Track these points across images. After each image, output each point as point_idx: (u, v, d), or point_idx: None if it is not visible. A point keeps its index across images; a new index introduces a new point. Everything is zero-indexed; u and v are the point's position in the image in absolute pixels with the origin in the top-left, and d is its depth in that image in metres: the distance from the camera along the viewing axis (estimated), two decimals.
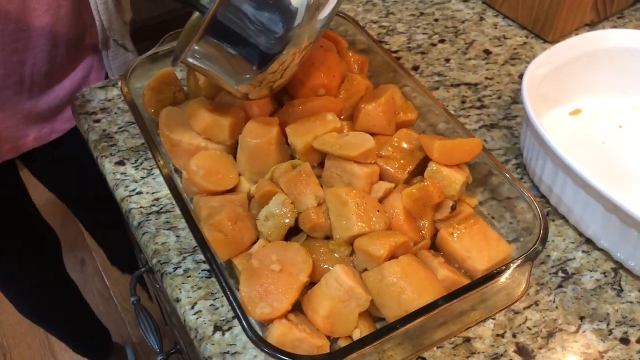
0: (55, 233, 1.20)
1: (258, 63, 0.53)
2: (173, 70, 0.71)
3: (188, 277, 0.58)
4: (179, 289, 0.57)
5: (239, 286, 0.50)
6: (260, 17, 0.50)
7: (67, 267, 1.31)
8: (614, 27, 0.91)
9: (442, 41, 0.87)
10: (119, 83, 0.71)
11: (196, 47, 0.52)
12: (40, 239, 1.14)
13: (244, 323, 0.46)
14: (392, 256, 0.52)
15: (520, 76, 0.82)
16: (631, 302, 0.58)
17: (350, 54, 0.69)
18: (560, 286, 0.59)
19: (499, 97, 0.78)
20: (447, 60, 0.84)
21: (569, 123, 0.74)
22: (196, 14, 0.63)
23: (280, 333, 0.48)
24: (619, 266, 0.60)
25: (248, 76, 0.54)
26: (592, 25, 0.90)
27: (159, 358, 0.73)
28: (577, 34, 0.77)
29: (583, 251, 0.62)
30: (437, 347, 0.53)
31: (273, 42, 0.52)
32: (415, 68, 0.82)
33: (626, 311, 0.57)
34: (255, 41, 0.51)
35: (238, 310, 0.47)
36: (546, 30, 0.87)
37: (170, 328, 1.02)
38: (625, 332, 0.55)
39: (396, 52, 0.85)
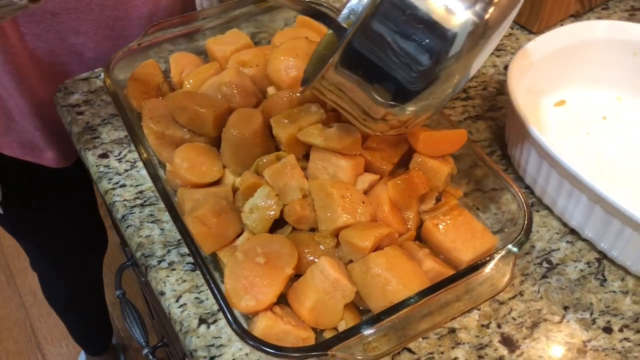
0: (106, 230, 1.19)
1: (395, 98, 0.45)
2: (156, 61, 0.70)
3: (173, 270, 0.57)
4: (164, 282, 0.56)
5: (223, 279, 0.50)
6: (407, 46, 0.42)
7: None
8: (599, 18, 0.91)
9: None
10: (102, 75, 0.70)
11: (327, 76, 0.46)
12: (94, 233, 1.14)
13: (229, 316, 0.45)
14: (377, 248, 0.52)
15: (506, 67, 0.82)
16: (614, 292, 0.58)
17: None
18: (544, 276, 0.59)
19: (484, 89, 0.79)
20: None
21: (554, 114, 0.74)
22: (329, 32, 0.58)
23: (265, 325, 0.48)
24: (602, 256, 0.61)
25: (379, 113, 0.47)
26: (577, 16, 0.91)
27: (145, 351, 0.73)
28: (562, 25, 0.77)
29: (567, 242, 0.62)
30: (423, 338, 0.54)
31: (417, 75, 0.44)
32: None
33: (609, 301, 0.57)
34: (396, 74, 0.44)
35: (222, 303, 0.46)
36: (531, 21, 0.87)
37: (157, 322, 1.01)
38: (609, 322, 0.56)
39: None
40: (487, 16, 0.43)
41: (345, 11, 0.60)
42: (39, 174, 0.88)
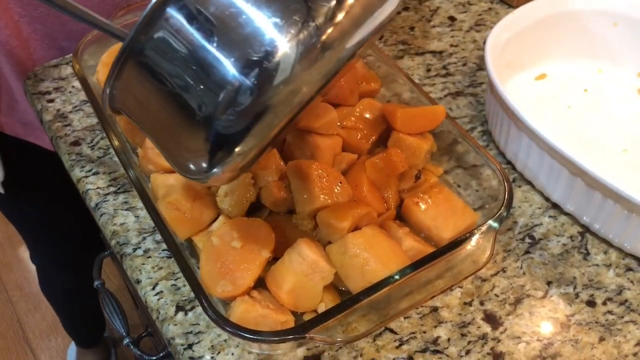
0: None
1: (204, 144, 0.36)
2: None
3: (148, 257, 0.56)
4: (139, 270, 0.55)
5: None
6: (210, 67, 0.33)
7: None
8: None
9: (406, 9, 0.85)
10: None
11: (115, 92, 0.38)
12: (93, 232, 1.12)
13: (204, 302, 0.44)
14: (356, 228, 0.51)
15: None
16: (597, 265, 0.58)
17: None
18: (527, 252, 0.58)
19: (464, 65, 0.77)
20: (412, 28, 0.82)
21: (535, 88, 0.73)
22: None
23: (242, 310, 0.47)
24: (585, 230, 0.60)
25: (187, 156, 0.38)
26: None
27: (126, 341, 0.71)
28: None
29: (550, 216, 0.61)
30: (404, 318, 0.53)
31: (231, 115, 0.34)
32: (379, 37, 0.81)
33: (592, 274, 0.57)
34: (197, 106, 0.34)
35: (197, 289, 0.45)
36: None
37: (141, 311, 1.00)
38: (592, 295, 0.55)
39: None
40: (323, 37, 0.34)
41: None
42: (41, 157, 0.87)
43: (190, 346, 0.50)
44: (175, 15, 0.34)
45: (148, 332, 0.89)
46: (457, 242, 0.48)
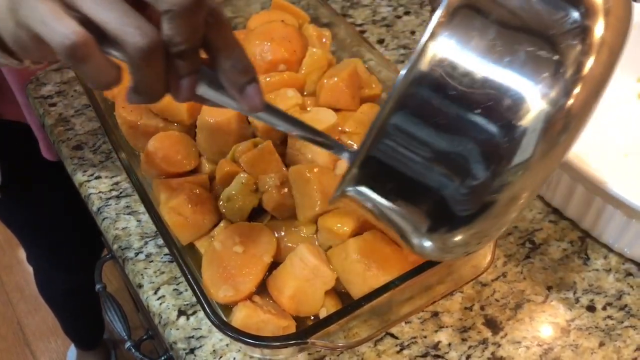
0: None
1: (436, 224, 0.33)
2: None
3: (150, 262, 0.56)
4: (141, 275, 0.55)
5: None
6: (449, 152, 0.30)
7: None
8: None
9: (407, 13, 0.86)
10: None
11: (347, 192, 0.35)
12: (93, 229, 1.12)
13: (206, 307, 0.44)
14: (357, 233, 0.51)
15: None
16: (597, 270, 0.58)
17: (312, 28, 0.67)
18: (527, 257, 0.59)
19: None
20: (413, 32, 0.83)
21: None
22: None
23: (244, 315, 0.47)
24: (585, 235, 0.60)
25: (421, 238, 0.35)
26: None
27: (127, 345, 0.72)
28: None
29: (550, 221, 0.62)
30: (405, 323, 0.53)
31: (465, 194, 0.31)
32: (381, 41, 0.81)
33: (592, 279, 0.57)
34: (434, 193, 0.32)
35: (199, 294, 0.45)
36: None
37: (142, 315, 1.00)
38: (592, 300, 0.56)
39: (361, 25, 0.83)
40: (570, 101, 0.30)
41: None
42: (40, 161, 0.86)
43: (192, 351, 0.50)
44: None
45: (149, 335, 0.89)
46: None
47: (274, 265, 0.51)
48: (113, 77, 0.34)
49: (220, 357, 0.50)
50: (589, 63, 0.30)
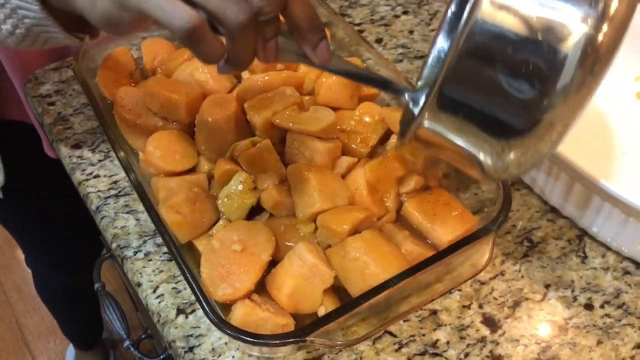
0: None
1: (499, 139, 0.39)
2: (128, 48, 0.68)
3: (149, 260, 0.56)
4: (140, 273, 0.55)
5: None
6: (509, 77, 0.36)
7: None
8: None
9: (405, 12, 0.86)
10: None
11: (424, 126, 0.40)
12: (93, 231, 1.12)
13: (205, 305, 0.45)
14: (356, 231, 0.51)
15: None
16: (595, 268, 0.58)
17: None
18: (525, 255, 0.59)
19: None
20: (411, 32, 0.83)
21: None
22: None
23: (243, 313, 0.47)
24: (583, 233, 0.61)
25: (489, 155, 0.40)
26: None
27: (126, 344, 0.72)
28: None
29: (548, 219, 0.62)
30: (404, 321, 0.53)
31: (522, 111, 0.37)
32: (379, 41, 0.81)
33: (590, 277, 0.57)
34: (496, 112, 0.38)
35: (198, 292, 0.45)
36: None
37: (141, 313, 1.00)
38: (590, 298, 0.56)
39: (359, 24, 0.83)
40: (600, 37, 0.36)
41: (421, 82, 0.53)
42: (41, 161, 0.86)
43: (191, 349, 0.50)
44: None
45: (147, 334, 0.89)
46: (456, 246, 0.48)
47: (273, 263, 0.51)
48: (222, 52, 0.40)
49: (219, 355, 0.50)
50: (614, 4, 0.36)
